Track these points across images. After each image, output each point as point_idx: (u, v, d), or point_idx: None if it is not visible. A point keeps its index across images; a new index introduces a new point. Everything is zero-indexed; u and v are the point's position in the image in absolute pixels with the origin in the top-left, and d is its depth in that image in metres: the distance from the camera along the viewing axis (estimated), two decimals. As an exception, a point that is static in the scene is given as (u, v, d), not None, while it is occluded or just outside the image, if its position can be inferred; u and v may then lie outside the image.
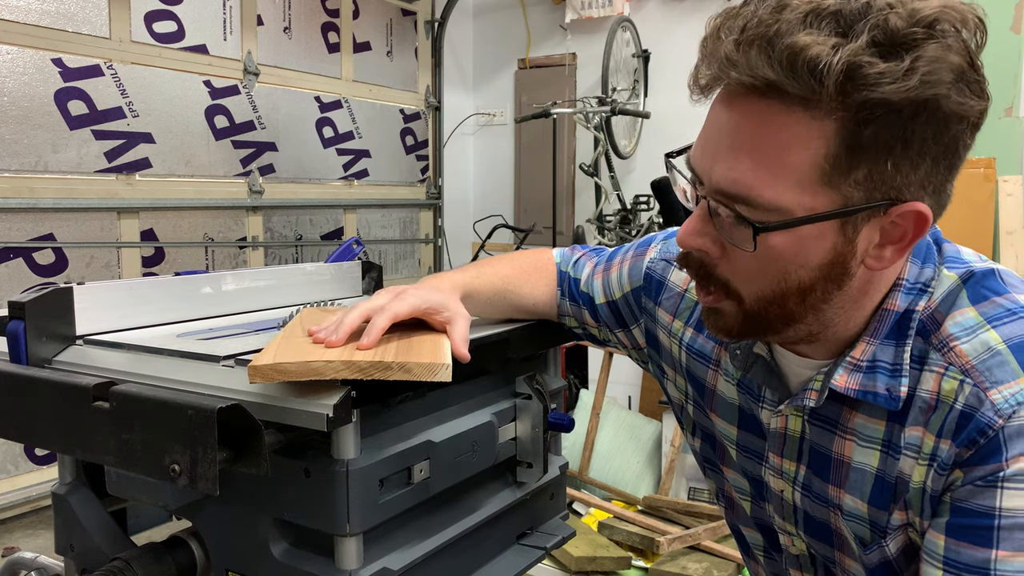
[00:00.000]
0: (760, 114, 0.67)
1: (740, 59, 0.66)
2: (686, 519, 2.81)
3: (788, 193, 0.68)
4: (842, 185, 0.67)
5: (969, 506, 0.69)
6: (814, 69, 0.63)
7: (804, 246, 0.70)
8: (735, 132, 0.69)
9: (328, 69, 4.09)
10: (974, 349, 0.71)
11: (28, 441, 0.91)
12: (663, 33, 4.32)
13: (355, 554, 0.83)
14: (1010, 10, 3.47)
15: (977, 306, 0.73)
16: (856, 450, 0.79)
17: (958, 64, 0.64)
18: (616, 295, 1.04)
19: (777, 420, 0.85)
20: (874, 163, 0.66)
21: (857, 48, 0.62)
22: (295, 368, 0.75)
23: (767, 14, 0.65)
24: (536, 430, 1.05)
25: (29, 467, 2.99)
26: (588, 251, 1.14)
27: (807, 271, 0.71)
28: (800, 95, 0.65)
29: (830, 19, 0.64)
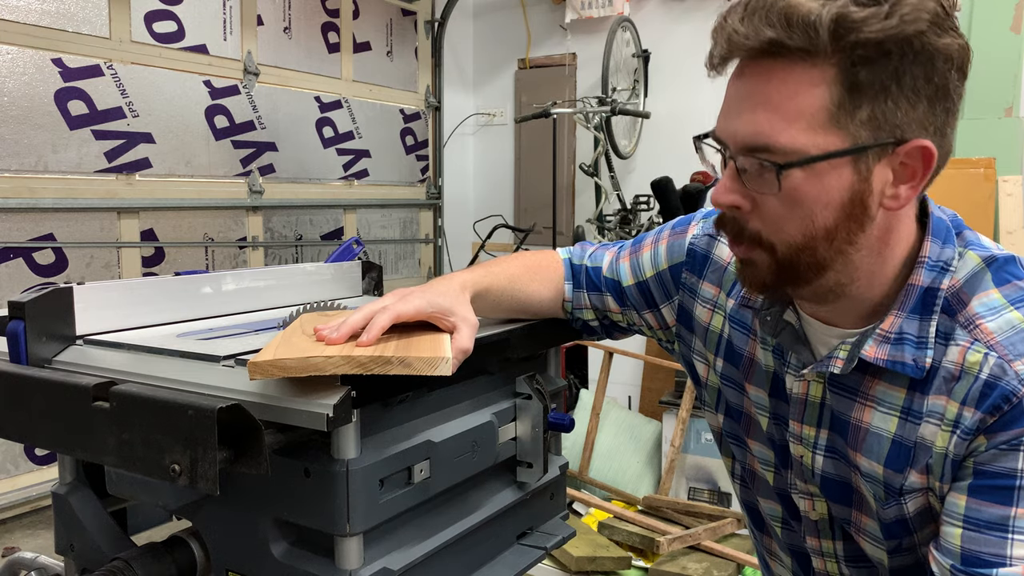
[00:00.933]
0: (768, 71, 0.76)
1: (745, 29, 0.75)
2: (686, 519, 2.81)
3: (802, 136, 0.74)
4: (849, 125, 0.74)
5: (992, 468, 0.75)
6: (808, 22, 0.72)
7: (824, 185, 0.76)
8: (749, 93, 0.77)
9: (328, 69, 4.09)
10: (999, 327, 0.77)
11: (28, 441, 0.91)
12: (663, 33, 4.32)
13: (355, 554, 0.83)
14: (1010, 10, 3.47)
15: (1001, 288, 0.79)
16: (875, 416, 0.84)
17: (933, 8, 0.72)
18: (648, 274, 1.07)
19: (799, 385, 0.91)
20: (875, 102, 0.73)
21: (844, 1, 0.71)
22: (295, 364, 0.75)
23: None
24: (536, 430, 1.05)
25: (29, 467, 2.99)
26: (595, 244, 1.16)
27: (831, 211, 0.77)
28: (800, 47, 0.73)
29: None
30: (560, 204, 4.51)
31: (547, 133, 4.33)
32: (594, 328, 1.13)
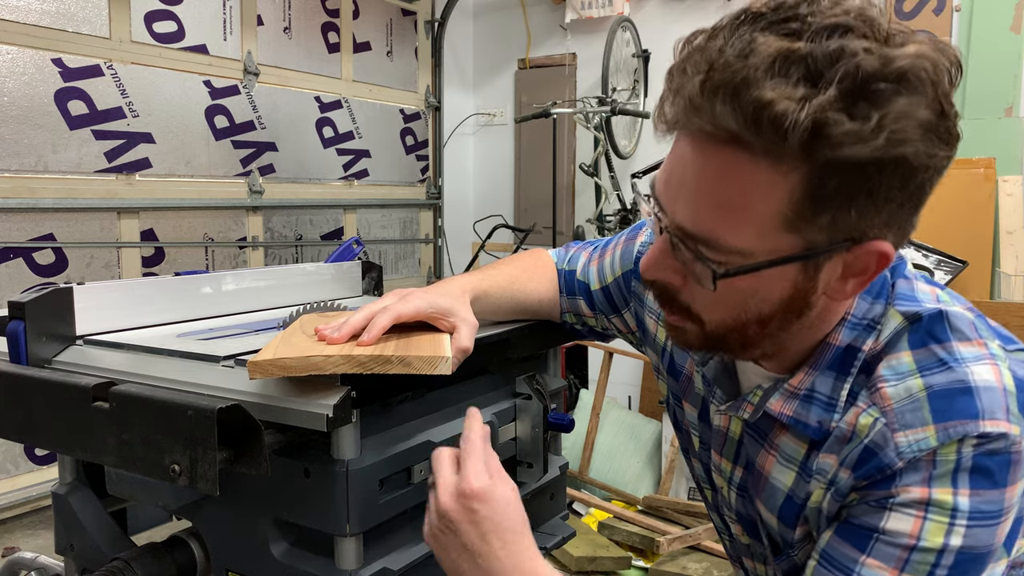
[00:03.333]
0: (723, 161, 0.66)
1: (704, 106, 0.65)
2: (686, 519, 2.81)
3: (750, 238, 0.68)
4: (805, 230, 0.67)
5: (858, 520, 0.73)
6: (779, 126, 0.61)
7: (765, 285, 0.71)
8: (698, 176, 0.69)
9: (328, 69, 4.09)
10: (897, 394, 0.73)
11: (28, 441, 0.91)
12: (663, 33, 4.32)
13: (355, 554, 0.83)
14: (1010, 10, 3.47)
15: (914, 351, 0.74)
16: (775, 467, 0.83)
17: (927, 119, 0.63)
18: (608, 280, 1.05)
19: (720, 419, 0.89)
20: (838, 211, 0.66)
21: (825, 103, 0.61)
22: (295, 363, 0.75)
23: (734, 56, 0.64)
24: (536, 430, 1.05)
25: (29, 467, 2.99)
26: (581, 244, 1.14)
27: (768, 304, 0.73)
28: (764, 148, 0.64)
29: (800, 65, 0.62)
30: (560, 204, 4.51)
31: (547, 133, 4.33)
32: (579, 331, 1.12)
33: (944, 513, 0.69)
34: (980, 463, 0.69)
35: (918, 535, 0.69)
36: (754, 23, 0.66)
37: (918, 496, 0.70)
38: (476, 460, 0.77)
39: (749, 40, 0.64)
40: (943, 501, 0.69)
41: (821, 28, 0.63)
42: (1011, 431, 0.69)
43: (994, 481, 0.69)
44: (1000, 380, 0.71)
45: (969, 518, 0.69)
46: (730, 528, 0.97)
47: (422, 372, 0.78)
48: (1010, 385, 0.71)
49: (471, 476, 0.75)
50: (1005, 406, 0.70)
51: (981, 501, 0.69)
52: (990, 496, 0.69)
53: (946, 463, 0.70)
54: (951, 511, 0.69)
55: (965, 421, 0.69)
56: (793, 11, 0.65)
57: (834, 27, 0.63)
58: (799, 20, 0.64)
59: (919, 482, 0.70)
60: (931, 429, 0.70)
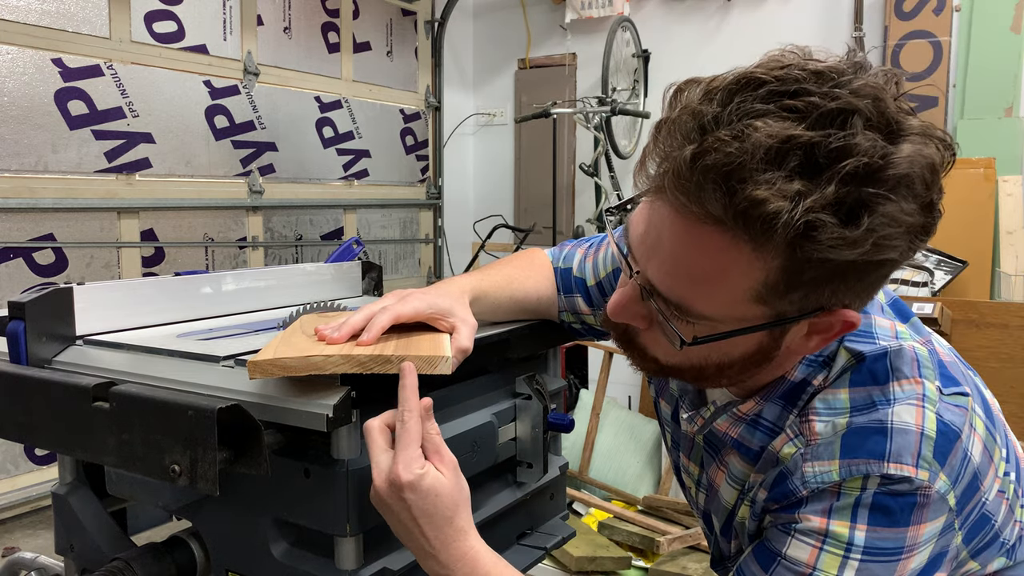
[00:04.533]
0: (703, 238, 0.64)
1: (691, 187, 0.62)
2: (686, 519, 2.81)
3: (719, 308, 0.68)
4: (775, 304, 0.67)
5: (767, 543, 0.76)
6: (769, 224, 0.60)
7: (729, 346, 0.72)
8: (676, 245, 0.67)
9: (328, 69, 4.09)
10: (824, 429, 0.74)
11: (28, 441, 0.91)
12: (663, 33, 4.32)
13: (355, 554, 0.83)
14: (1010, 10, 3.47)
15: (852, 390, 0.75)
16: (723, 484, 0.85)
17: (914, 223, 0.63)
18: (602, 274, 1.06)
19: (687, 424, 0.91)
20: (811, 290, 0.66)
21: (819, 203, 0.59)
22: (294, 363, 0.75)
23: (729, 136, 0.60)
24: (536, 430, 1.05)
25: (29, 467, 2.99)
26: (576, 241, 1.14)
27: (729, 358, 0.74)
28: (748, 237, 0.62)
29: (800, 155, 0.59)
30: (560, 204, 4.51)
31: (547, 133, 4.33)
32: (577, 330, 1.12)
33: (839, 545, 0.71)
34: (881, 501, 0.70)
35: (814, 564, 0.71)
36: (755, 92, 0.62)
37: (817, 526, 0.71)
38: (409, 448, 0.76)
39: (747, 117, 0.61)
40: (839, 534, 0.71)
41: (828, 113, 0.60)
42: (915, 475, 0.70)
43: (894, 520, 0.70)
44: (920, 424, 0.72)
45: (864, 552, 0.70)
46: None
47: (422, 372, 0.78)
48: (930, 430, 0.71)
49: (401, 467, 0.75)
50: (916, 451, 0.70)
51: (877, 538, 0.70)
52: (887, 534, 0.70)
53: (848, 497, 0.71)
54: (847, 544, 0.70)
55: (869, 460, 0.70)
56: (800, 85, 0.62)
57: (841, 112, 0.60)
58: (805, 97, 0.61)
59: (820, 512, 0.71)
60: (836, 464, 0.71)
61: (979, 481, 0.75)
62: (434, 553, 0.77)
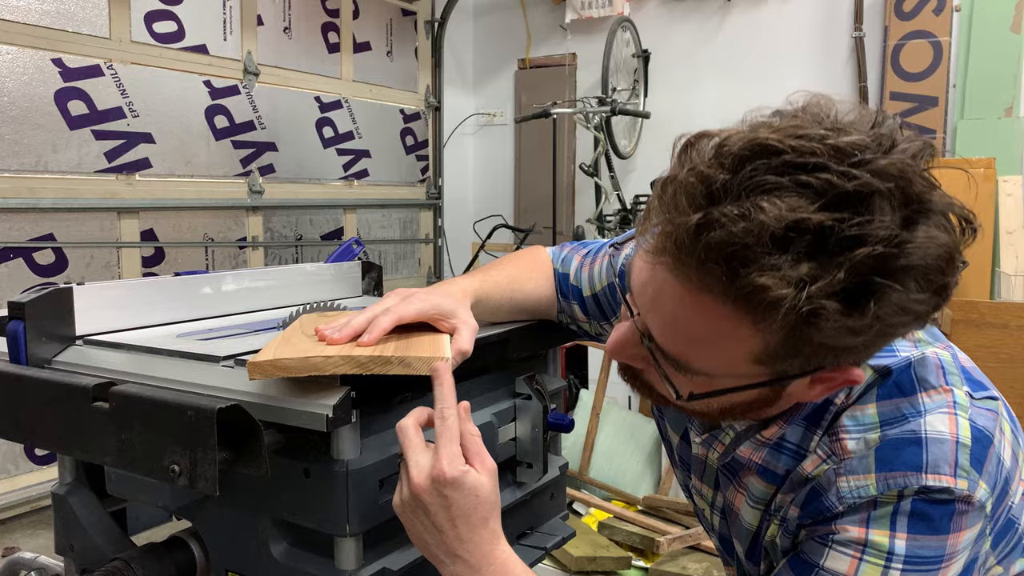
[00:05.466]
0: (703, 307, 0.63)
1: (692, 261, 0.60)
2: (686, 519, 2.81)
3: (719, 367, 0.67)
4: (776, 365, 0.66)
5: (804, 555, 0.74)
6: (771, 309, 0.58)
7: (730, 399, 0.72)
8: (675, 307, 0.66)
9: (328, 69, 4.09)
10: (857, 448, 0.73)
11: (28, 441, 0.91)
12: (663, 33, 4.32)
13: (355, 554, 0.83)
14: (1010, 10, 3.47)
15: (880, 404, 0.74)
16: (744, 506, 0.84)
17: (921, 311, 0.61)
18: (597, 288, 1.05)
19: (699, 447, 0.90)
20: (812, 356, 0.64)
21: (827, 290, 0.57)
22: (294, 364, 0.75)
23: (736, 212, 0.57)
24: (536, 430, 1.05)
25: (29, 467, 2.99)
26: (576, 245, 1.14)
27: (731, 405, 0.74)
28: (749, 317, 0.61)
29: (810, 238, 0.57)
30: (560, 204, 4.51)
31: (547, 133, 4.33)
32: (575, 331, 1.12)
33: (880, 555, 0.69)
34: (920, 509, 0.69)
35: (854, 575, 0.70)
36: (767, 161, 0.59)
37: (855, 536, 0.70)
38: (452, 444, 0.75)
39: (758, 190, 0.58)
40: (879, 543, 0.69)
41: (844, 195, 0.57)
42: (955, 485, 0.69)
43: (934, 527, 0.69)
44: (955, 432, 0.70)
45: (905, 562, 0.69)
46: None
47: (421, 373, 0.78)
48: (965, 437, 0.70)
49: (445, 463, 0.73)
50: (953, 460, 0.69)
51: (919, 546, 0.69)
52: (928, 542, 0.69)
53: (885, 507, 0.70)
54: (887, 553, 0.69)
55: (907, 473, 0.69)
56: (818, 159, 0.58)
57: (859, 195, 0.57)
58: (821, 175, 0.57)
59: (857, 522, 0.70)
60: (872, 478, 0.70)
61: (1008, 485, 0.74)
62: (465, 555, 0.75)
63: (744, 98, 3.85)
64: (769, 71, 3.97)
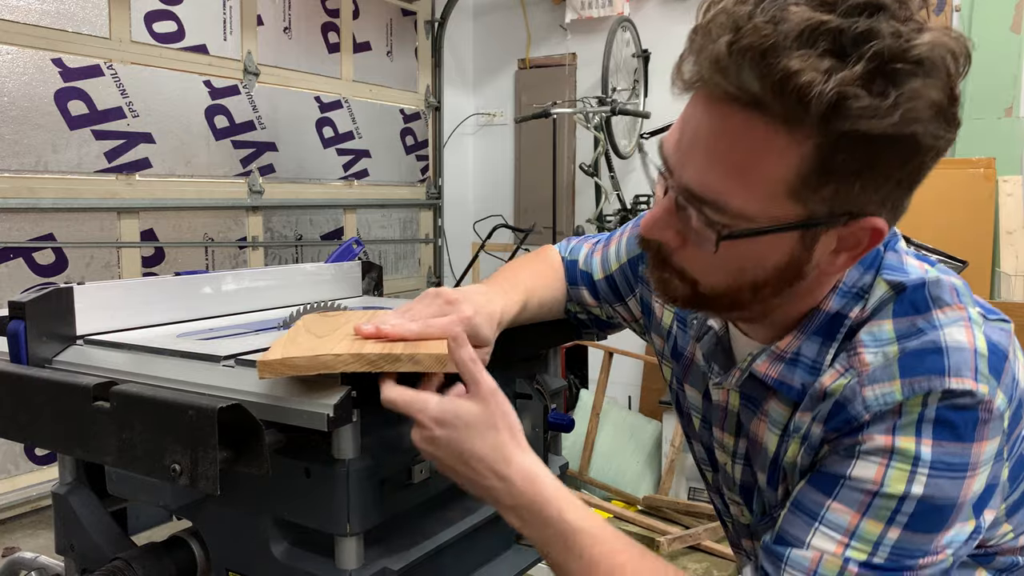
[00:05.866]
0: (740, 124, 0.67)
1: (730, 67, 0.65)
2: (686, 519, 2.81)
3: (755, 203, 0.69)
4: (808, 200, 0.69)
5: (827, 468, 0.75)
6: (803, 95, 0.63)
7: (763, 251, 0.73)
8: (711, 137, 0.70)
9: (328, 69, 4.09)
10: (875, 360, 0.75)
11: (28, 441, 0.91)
12: (663, 33, 4.32)
13: (355, 554, 0.83)
14: (1010, 10, 3.47)
15: (895, 320, 0.76)
16: (766, 432, 0.85)
17: (938, 100, 0.65)
18: (613, 268, 1.07)
19: (719, 393, 0.91)
20: (842, 183, 0.68)
21: (849, 78, 0.63)
22: (304, 362, 0.75)
23: (764, 22, 0.64)
24: (536, 430, 1.05)
25: (29, 467, 2.99)
26: (582, 237, 1.16)
27: (763, 271, 0.74)
28: (783, 115, 0.65)
29: (828, 38, 0.63)
30: (560, 204, 4.51)
31: (547, 133, 4.33)
32: (584, 321, 1.13)
33: (906, 461, 0.71)
34: (945, 416, 0.71)
35: (881, 481, 0.71)
36: None
37: (882, 444, 0.72)
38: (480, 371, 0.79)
39: (781, 7, 0.65)
40: (906, 449, 0.71)
41: (856, 5, 0.64)
42: (977, 389, 0.71)
43: (958, 435, 0.71)
44: (972, 342, 0.73)
45: (931, 467, 0.71)
46: (730, 509, 0.99)
47: (431, 370, 0.78)
48: (982, 347, 0.73)
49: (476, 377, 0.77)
50: (974, 366, 0.72)
51: (944, 452, 0.71)
52: (953, 448, 0.71)
53: (910, 414, 0.71)
54: (913, 459, 0.71)
55: (931, 377, 0.71)
56: None
57: (868, 5, 0.64)
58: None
59: (884, 431, 0.72)
60: (897, 384, 0.72)
61: (1021, 409, 0.76)
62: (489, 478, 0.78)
63: (744, 98, 3.74)
64: (769, 71, 3.97)
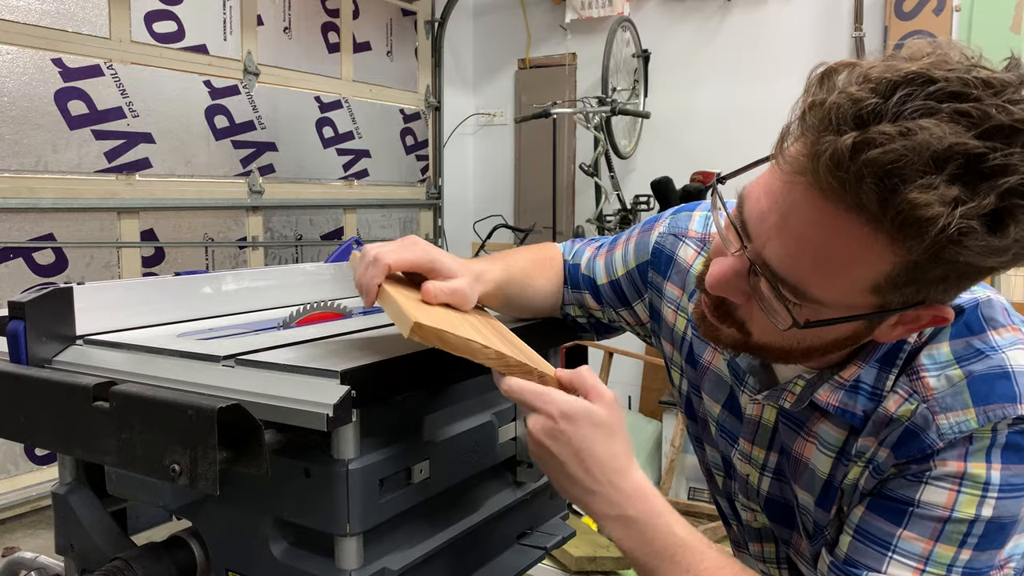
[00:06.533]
0: (841, 225, 0.64)
1: (849, 178, 0.61)
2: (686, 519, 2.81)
3: (835, 294, 0.68)
4: (888, 295, 0.68)
5: (894, 493, 0.76)
6: (922, 228, 0.59)
7: (830, 331, 0.73)
8: (807, 227, 0.66)
9: (328, 69, 4.09)
10: (939, 384, 0.75)
11: (28, 441, 0.91)
12: (663, 33, 4.32)
13: (355, 554, 0.83)
14: (1010, 10, 3.47)
15: (952, 342, 0.76)
16: (815, 453, 0.84)
17: None
18: (619, 273, 1.06)
19: (753, 408, 0.90)
20: (926, 286, 0.67)
21: (976, 212, 0.59)
22: (456, 342, 0.79)
23: (895, 132, 0.59)
24: (536, 430, 1.05)
25: (29, 467, 2.99)
26: (586, 240, 1.15)
27: (821, 341, 0.75)
28: (893, 234, 0.62)
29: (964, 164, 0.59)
30: (560, 204, 4.51)
31: (547, 133, 4.33)
32: (582, 325, 1.13)
33: (977, 486, 0.72)
34: (1014, 440, 0.72)
35: (952, 506, 0.73)
36: (923, 88, 0.61)
37: (954, 470, 0.73)
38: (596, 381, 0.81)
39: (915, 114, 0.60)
40: (977, 475, 0.72)
41: (999, 127, 0.60)
42: None
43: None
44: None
45: (1000, 490, 0.72)
46: (741, 514, 0.99)
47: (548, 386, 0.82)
48: None
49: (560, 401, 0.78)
50: None
51: (1012, 475, 0.72)
52: (1020, 470, 0.73)
53: (982, 440, 0.73)
54: (984, 484, 0.72)
55: (1004, 404, 0.72)
56: (971, 91, 0.61)
57: (1012, 129, 0.60)
58: (977, 104, 0.60)
59: (956, 457, 0.73)
60: (972, 412, 0.73)
61: None
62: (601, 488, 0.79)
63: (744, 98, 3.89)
64: (769, 71, 3.97)
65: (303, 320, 1.10)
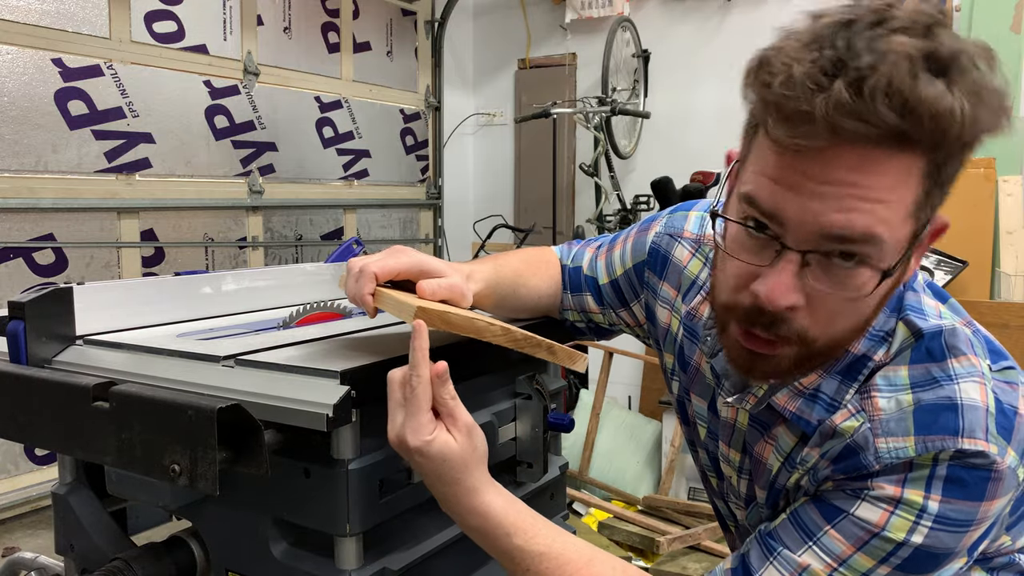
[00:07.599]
0: (874, 160, 0.66)
1: (865, 110, 0.63)
2: (686, 519, 2.81)
3: (890, 230, 0.69)
4: (918, 216, 0.70)
5: (831, 501, 0.77)
6: (944, 119, 0.63)
7: (885, 285, 0.72)
8: (852, 182, 0.66)
9: (328, 69, 4.09)
10: (888, 406, 0.76)
11: (28, 441, 0.91)
12: (663, 33, 4.32)
13: (355, 554, 0.83)
14: (1010, 10, 3.46)
15: (912, 367, 0.77)
16: (771, 456, 0.86)
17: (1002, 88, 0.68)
18: (618, 272, 1.06)
19: (727, 410, 0.91)
20: (938, 191, 0.70)
21: (967, 91, 0.64)
22: (460, 321, 0.79)
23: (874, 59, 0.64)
24: (536, 430, 1.05)
25: (29, 467, 2.99)
26: (584, 242, 1.15)
27: (876, 300, 0.74)
28: (918, 141, 0.65)
29: (927, 60, 0.64)
30: (560, 204, 4.51)
31: (547, 133, 4.32)
32: (580, 329, 1.12)
33: (912, 511, 0.72)
34: (955, 474, 0.72)
35: (883, 525, 0.73)
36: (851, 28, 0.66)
37: (891, 493, 0.73)
38: (418, 414, 0.77)
39: (880, 41, 0.65)
40: (913, 501, 0.72)
41: (918, 26, 0.66)
42: (989, 450, 0.71)
43: (968, 493, 0.72)
44: (985, 400, 0.74)
45: (935, 521, 0.72)
46: (736, 515, 0.99)
47: (562, 363, 0.86)
48: (992, 406, 0.73)
49: (409, 432, 0.76)
50: (985, 426, 0.72)
51: (951, 509, 0.72)
52: (961, 506, 0.72)
53: (922, 469, 0.72)
54: (919, 510, 0.72)
55: (944, 436, 0.72)
56: (887, 12, 0.67)
57: (926, 24, 0.66)
58: (896, 18, 0.66)
59: (894, 482, 0.73)
60: (911, 440, 0.73)
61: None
62: (448, 507, 0.81)
63: (744, 98, 3.73)
64: (769, 71, 3.97)
65: (303, 320, 1.10)
